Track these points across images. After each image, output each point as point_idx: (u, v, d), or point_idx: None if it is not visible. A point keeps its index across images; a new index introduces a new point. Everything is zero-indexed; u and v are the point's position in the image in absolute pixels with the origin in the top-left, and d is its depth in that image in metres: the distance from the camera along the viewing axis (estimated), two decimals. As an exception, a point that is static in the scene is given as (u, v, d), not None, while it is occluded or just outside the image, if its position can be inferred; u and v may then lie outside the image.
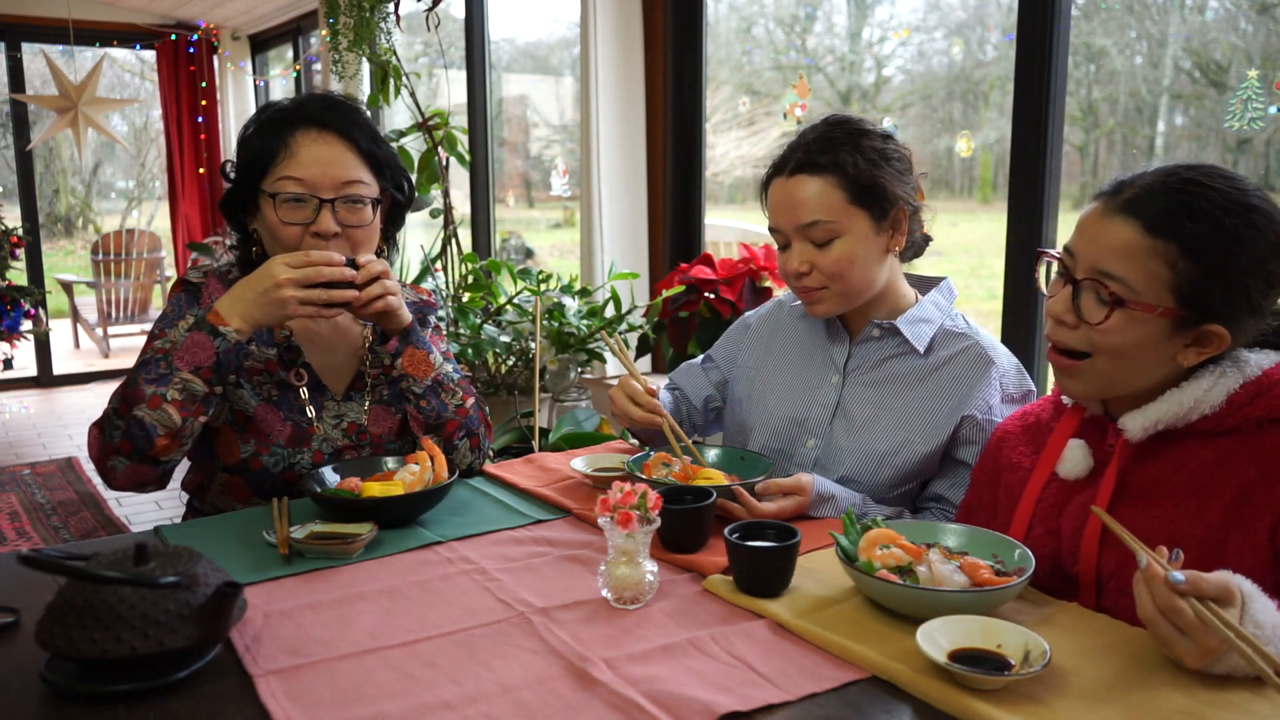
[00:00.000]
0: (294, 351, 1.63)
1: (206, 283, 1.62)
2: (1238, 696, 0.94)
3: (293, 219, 1.53)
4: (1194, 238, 1.10)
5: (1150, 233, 1.11)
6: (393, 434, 1.68)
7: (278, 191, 1.53)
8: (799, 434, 1.64)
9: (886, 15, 4.27)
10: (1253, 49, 2.48)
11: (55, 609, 0.98)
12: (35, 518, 4.16)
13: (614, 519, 1.15)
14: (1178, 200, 1.12)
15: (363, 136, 1.59)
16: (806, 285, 1.58)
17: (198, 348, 1.41)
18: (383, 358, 1.64)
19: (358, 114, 1.61)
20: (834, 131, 1.55)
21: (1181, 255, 1.10)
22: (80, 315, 7.99)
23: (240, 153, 1.59)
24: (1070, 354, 1.19)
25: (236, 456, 1.57)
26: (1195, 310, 1.12)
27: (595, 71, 3.37)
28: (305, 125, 1.55)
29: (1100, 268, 1.14)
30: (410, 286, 1.85)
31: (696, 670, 1.01)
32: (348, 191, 1.55)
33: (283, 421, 1.58)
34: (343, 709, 0.94)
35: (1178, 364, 1.16)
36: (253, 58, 7.23)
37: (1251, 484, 1.10)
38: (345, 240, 1.56)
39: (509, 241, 6.41)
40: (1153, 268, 1.11)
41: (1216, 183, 1.12)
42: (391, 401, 1.69)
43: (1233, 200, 1.11)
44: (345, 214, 1.56)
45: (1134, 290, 1.12)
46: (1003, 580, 1.11)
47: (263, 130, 1.57)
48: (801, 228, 1.55)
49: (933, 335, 1.60)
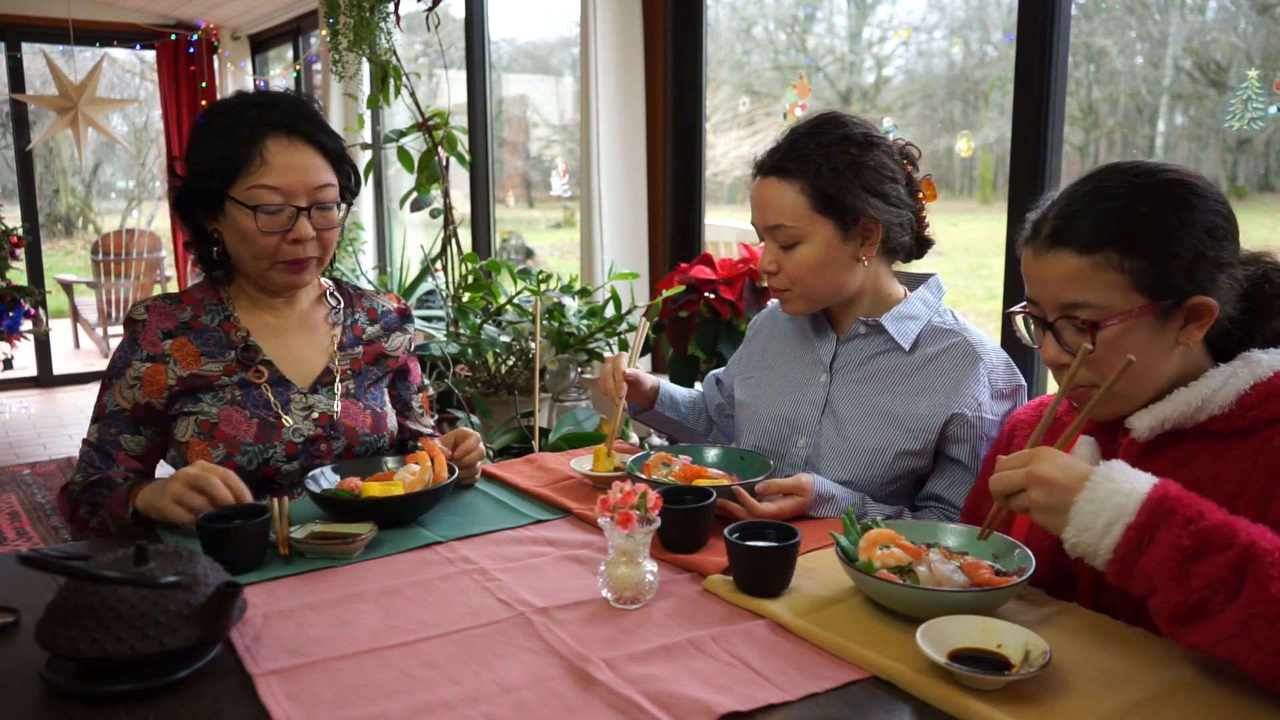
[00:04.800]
0: (251, 350, 1.64)
1: (149, 319, 1.62)
2: (1238, 696, 0.94)
3: (271, 228, 1.56)
4: (1124, 236, 1.11)
5: (1084, 252, 1.13)
6: (367, 428, 1.68)
7: (258, 203, 1.55)
8: (789, 433, 1.64)
9: (886, 15, 4.27)
10: (1253, 49, 2.48)
11: (55, 609, 0.98)
12: (35, 518, 4.16)
13: (614, 519, 1.15)
14: (1091, 212, 1.13)
15: (327, 138, 1.62)
16: (775, 284, 1.61)
17: (118, 503, 1.48)
18: (351, 355, 1.72)
19: (318, 115, 1.64)
20: (813, 137, 1.54)
21: (1124, 256, 1.11)
22: (80, 315, 7.99)
23: (200, 154, 1.58)
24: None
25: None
26: (1168, 295, 1.12)
27: (595, 71, 3.37)
28: (276, 132, 1.56)
29: (1062, 302, 1.16)
30: (386, 294, 1.86)
31: (696, 670, 1.01)
32: (319, 197, 1.59)
33: (248, 420, 1.60)
34: (343, 709, 0.94)
35: (1185, 350, 1.15)
36: (253, 58, 7.23)
37: (1260, 481, 1.09)
38: (317, 241, 1.61)
39: (509, 241, 6.42)
40: (1106, 280, 1.12)
41: (1117, 178, 1.14)
42: (359, 395, 1.71)
43: (1139, 186, 1.13)
44: (318, 218, 1.60)
45: (1102, 308, 1.13)
46: (1003, 580, 1.11)
47: (230, 134, 1.56)
48: (769, 228, 1.58)
49: (919, 332, 1.60)
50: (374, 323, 1.78)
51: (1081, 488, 1.00)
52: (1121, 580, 0.99)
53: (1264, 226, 3.28)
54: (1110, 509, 0.98)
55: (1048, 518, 1.03)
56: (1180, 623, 0.95)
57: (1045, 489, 1.02)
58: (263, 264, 1.59)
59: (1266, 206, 3.21)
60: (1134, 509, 0.97)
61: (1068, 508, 1.01)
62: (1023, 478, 1.04)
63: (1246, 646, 0.90)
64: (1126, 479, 1.00)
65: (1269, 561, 0.91)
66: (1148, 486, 0.98)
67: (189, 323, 1.63)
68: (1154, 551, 0.95)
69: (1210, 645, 0.92)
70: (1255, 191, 3.16)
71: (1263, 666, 0.89)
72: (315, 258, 1.62)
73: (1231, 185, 3.25)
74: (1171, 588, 0.94)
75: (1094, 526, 0.99)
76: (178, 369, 1.59)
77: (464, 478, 1.62)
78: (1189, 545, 0.94)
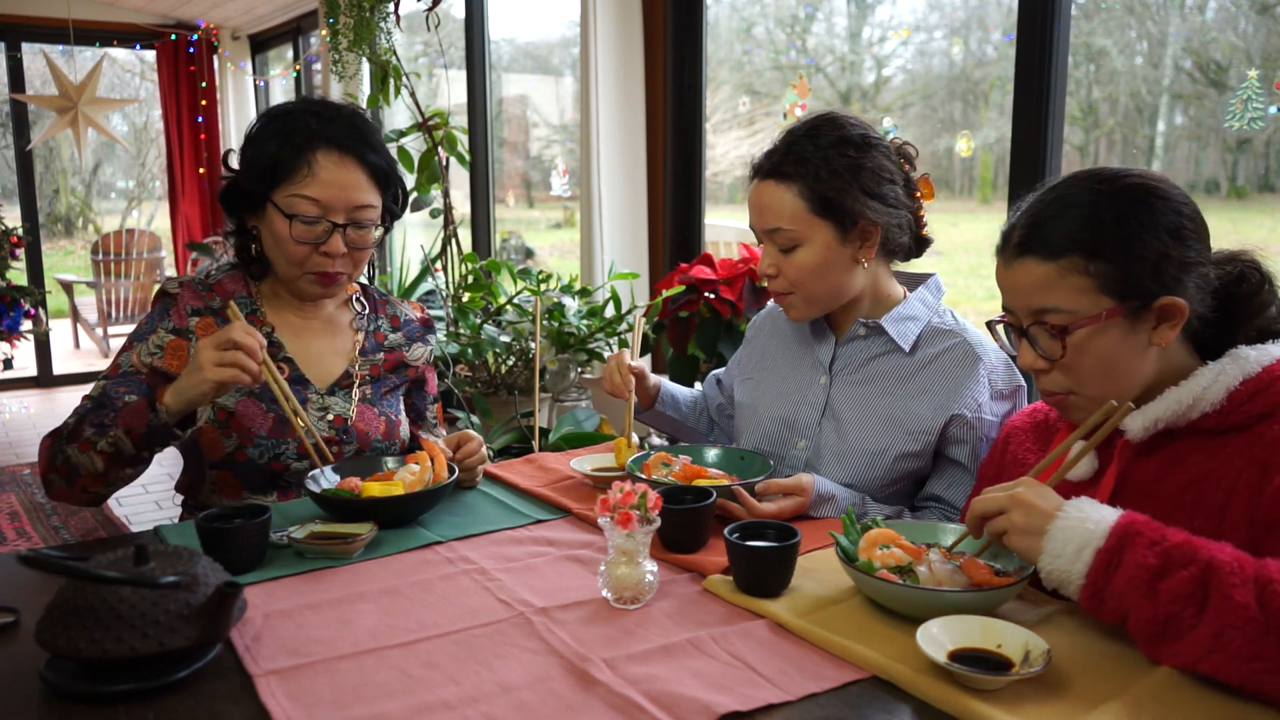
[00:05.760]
0: (275, 346, 1.66)
1: (181, 294, 1.65)
2: (1237, 696, 0.94)
3: (305, 238, 1.58)
4: (1088, 241, 1.14)
5: (1050, 258, 1.16)
6: (379, 435, 1.69)
7: (296, 212, 1.56)
8: (789, 435, 1.64)
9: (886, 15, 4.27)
10: (1253, 49, 2.48)
11: (55, 609, 0.98)
12: (35, 518, 4.16)
13: (614, 519, 1.15)
14: (1057, 219, 1.16)
15: (376, 156, 1.63)
16: (775, 288, 1.61)
17: (137, 414, 1.43)
18: (371, 361, 1.71)
19: (375, 134, 1.65)
20: (811, 139, 1.54)
21: (1088, 260, 1.14)
22: (80, 315, 7.99)
23: (253, 152, 1.61)
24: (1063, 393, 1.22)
25: (222, 452, 1.59)
26: (1135, 296, 1.14)
27: (595, 71, 3.37)
28: (328, 146, 1.58)
29: (1033, 308, 1.18)
30: (410, 304, 1.87)
31: (696, 670, 1.01)
32: (358, 216, 1.61)
33: (264, 414, 1.60)
34: (343, 709, 0.94)
35: (1160, 350, 1.17)
36: (253, 58, 7.23)
37: (1253, 475, 1.10)
38: (349, 258, 1.62)
39: (509, 241, 6.42)
40: (1072, 284, 1.15)
41: (1081, 186, 1.18)
42: (375, 401, 1.71)
43: (1101, 192, 1.16)
44: (353, 235, 1.62)
45: (1071, 312, 1.15)
46: (1003, 580, 1.11)
47: (283, 140, 1.58)
48: (767, 232, 1.57)
49: (919, 333, 1.60)
50: (396, 330, 1.79)
51: (1055, 515, 1.05)
52: (1094, 606, 1.03)
53: (1264, 227, 3.28)
54: (1080, 535, 1.03)
55: (1024, 540, 1.07)
56: (1156, 641, 0.98)
57: (1024, 511, 1.07)
58: (293, 270, 1.62)
59: (1266, 206, 3.21)
60: (1102, 535, 1.02)
61: (1042, 533, 1.05)
62: (1006, 499, 1.09)
63: (1224, 660, 0.93)
64: (1096, 510, 1.05)
65: (1228, 572, 0.95)
66: (1115, 516, 1.04)
67: (218, 309, 1.65)
68: (1122, 572, 1.00)
69: (1192, 663, 0.96)
70: (1255, 191, 3.16)
71: (1244, 677, 0.92)
72: (345, 273, 1.64)
73: (1231, 185, 3.25)
74: (1141, 605, 0.98)
75: (1065, 553, 1.04)
76: None
77: (465, 481, 1.62)
78: (1154, 564, 0.98)
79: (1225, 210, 3.28)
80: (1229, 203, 3.26)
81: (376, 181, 1.63)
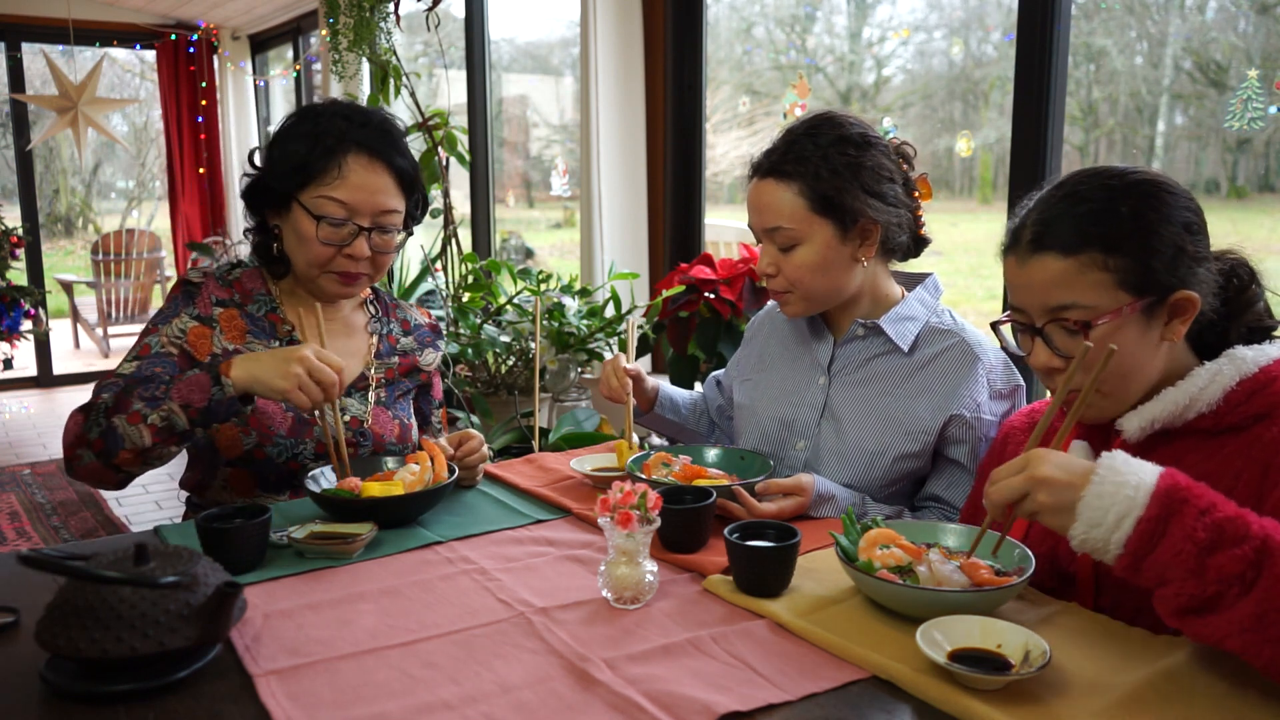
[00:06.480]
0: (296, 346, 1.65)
1: (205, 283, 1.65)
2: (1237, 696, 0.94)
3: (331, 240, 1.58)
4: (1106, 236, 1.13)
5: (1068, 254, 1.14)
6: (394, 438, 1.69)
7: (323, 213, 1.57)
8: (788, 436, 1.64)
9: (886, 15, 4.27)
10: (1253, 49, 2.48)
11: (55, 609, 0.98)
12: (35, 518, 4.16)
13: (614, 519, 1.15)
14: (1071, 215, 1.15)
15: (404, 162, 1.64)
16: (774, 287, 1.61)
17: (196, 387, 1.41)
18: (386, 364, 1.72)
19: (403, 140, 1.66)
20: (810, 138, 1.54)
21: (1107, 255, 1.13)
22: (80, 315, 7.99)
23: (281, 151, 1.60)
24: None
25: (240, 450, 1.58)
26: (1153, 291, 1.13)
27: (595, 71, 3.37)
28: (359, 150, 1.58)
29: (1050, 306, 1.17)
30: (418, 308, 1.88)
31: (696, 670, 1.01)
32: (383, 221, 1.61)
33: (284, 413, 1.61)
34: (343, 709, 0.94)
35: (1170, 347, 1.17)
36: (253, 58, 7.23)
37: (1252, 477, 1.10)
38: (371, 261, 1.62)
39: (509, 241, 6.42)
40: (1092, 280, 1.14)
41: (1090, 182, 1.17)
42: (389, 404, 1.72)
43: (1113, 187, 1.15)
44: (377, 240, 1.62)
45: (1092, 308, 1.14)
46: (1003, 580, 1.11)
47: (314, 141, 1.58)
48: (767, 231, 1.57)
49: (918, 333, 1.60)
50: (407, 334, 1.80)
51: (1087, 483, 0.99)
52: (1130, 573, 0.97)
53: (1264, 226, 3.28)
54: (1120, 502, 0.96)
55: (1055, 518, 1.01)
56: (1191, 614, 0.94)
57: (1049, 490, 1.01)
58: (315, 270, 1.62)
59: (1266, 206, 3.21)
60: (1144, 501, 0.95)
61: (1074, 504, 0.99)
62: (1024, 483, 1.03)
63: (1258, 640, 0.89)
64: (1132, 470, 0.98)
65: None
66: (1154, 477, 0.97)
67: (240, 304, 1.65)
68: (1167, 544, 0.94)
69: (1219, 639, 0.92)
70: (1255, 191, 3.16)
71: (1274, 661, 0.89)
72: (367, 275, 1.64)
73: (1231, 185, 3.25)
74: (1187, 580, 0.93)
75: (1104, 521, 0.97)
76: (223, 339, 1.60)
77: (465, 479, 1.62)
78: (1204, 538, 0.93)
79: (1225, 210, 3.28)
80: (1229, 203, 3.26)
81: (403, 187, 1.63)
